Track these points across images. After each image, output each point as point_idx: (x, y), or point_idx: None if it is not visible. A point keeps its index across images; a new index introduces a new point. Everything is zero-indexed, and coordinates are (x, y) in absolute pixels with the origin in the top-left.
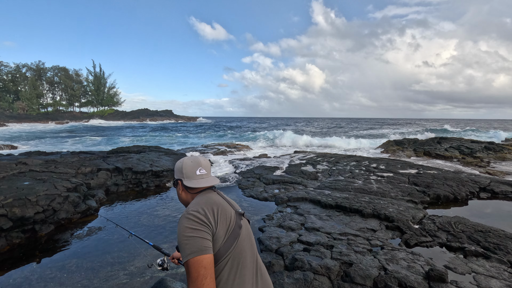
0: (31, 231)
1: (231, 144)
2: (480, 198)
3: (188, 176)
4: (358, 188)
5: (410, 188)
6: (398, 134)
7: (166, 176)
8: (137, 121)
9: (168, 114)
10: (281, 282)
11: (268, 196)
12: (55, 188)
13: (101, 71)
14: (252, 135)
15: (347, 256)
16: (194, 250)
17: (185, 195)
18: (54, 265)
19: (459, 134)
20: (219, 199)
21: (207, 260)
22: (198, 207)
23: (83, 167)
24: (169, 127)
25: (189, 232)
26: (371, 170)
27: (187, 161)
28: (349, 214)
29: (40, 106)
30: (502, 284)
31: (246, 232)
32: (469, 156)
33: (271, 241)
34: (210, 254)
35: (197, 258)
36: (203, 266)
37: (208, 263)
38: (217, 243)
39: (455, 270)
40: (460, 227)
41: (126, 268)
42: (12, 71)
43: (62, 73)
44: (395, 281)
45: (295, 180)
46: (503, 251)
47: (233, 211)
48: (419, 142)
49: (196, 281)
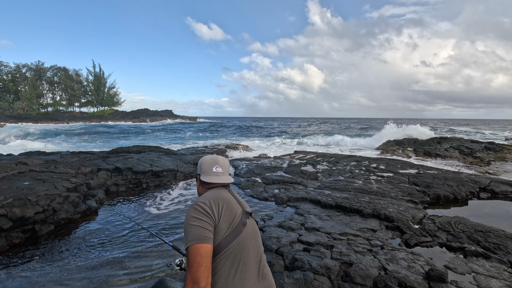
0: (31, 231)
1: (231, 144)
2: (480, 198)
3: (205, 172)
4: (358, 188)
5: (410, 188)
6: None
7: (166, 176)
8: (137, 121)
9: (168, 114)
10: (281, 282)
11: (268, 196)
12: (55, 188)
13: (101, 71)
14: (255, 136)
15: (347, 256)
16: (194, 238)
17: (201, 189)
18: (54, 265)
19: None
20: (228, 196)
21: (204, 249)
22: (205, 199)
23: (83, 167)
24: (170, 127)
25: (193, 221)
26: (371, 170)
27: (206, 159)
28: (349, 214)
29: (40, 106)
30: (502, 284)
31: (251, 231)
32: (469, 156)
33: (271, 241)
34: (208, 244)
35: (196, 246)
36: (199, 254)
37: (205, 252)
38: (218, 235)
39: (455, 270)
40: (460, 227)
41: (126, 267)
42: (12, 71)
43: (62, 73)
44: (395, 281)
45: (295, 180)
46: (503, 251)
47: (240, 209)
48: (419, 142)
49: (191, 267)
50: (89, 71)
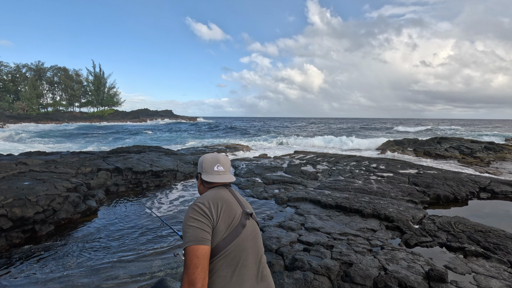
0: (31, 231)
1: (231, 144)
2: (480, 198)
3: (206, 171)
4: (358, 188)
5: (410, 188)
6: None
7: (166, 176)
8: (137, 121)
9: (168, 114)
10: (281, 282)
11: (268, 196)
12: (55, 188)
13: (101, 71)
14: (252, 135)
15: (347, 256)
16: (191, 239)
17: (202, 188)
18: (54, 265)
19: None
20: (228, 196)
21: (202, 251)
22: (204, 199)
23: (83, 167)
24: (171, 127)
25: (191, 222)
26: (371, 170)
27: (207, 157)
28: (349, 214)
29: (40, 106)
30: (502, 284)
31: (251, 232)
32: (469, 156)
33: (271, 241)
34: (206, 245)
35: (193, 247)
36: (196, 256)
37: (202, 253)
38: (217, 237)
39: (455, 270)
40: (460, 227)
41: (126, 267)
42: (12, 71)
43: (62, 73)
44: (395, 281)
45: (295, 180)
46: (503, 251)
47: (240, 210)
48: (419, 142)
49: (188, 269)
50: (89, 71)
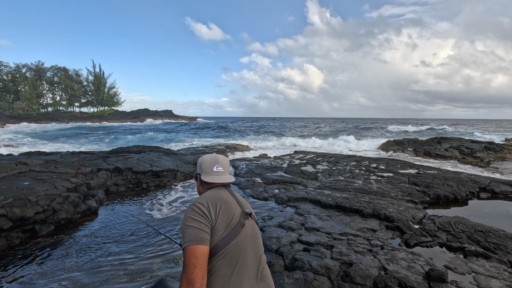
0: (31, 231)
1: (231, 144)
2: (480, 198)
3: (206, 172)
4: (358, 188)
5: (410, 188)
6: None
7: (166, 176)
8: (137, 121)
9: (168, 114)
10: (281, 282)
11: (268, 196)
12: (55, 188)
13: (101, 71)
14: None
15: (347, 256)
16: (190, 239)
17: (202, 188)
18: (54, 265)
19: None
20: (227, 196)
21: (200, 251)
22: (203, 200)
23: (83, 167)
24: (171, 127)
25: (190, 222)
26: (371, 170)
27: (206, 158)
28: (349, 214)
29: (40, 106)
30: (502, 284)
31: (250, 232)
32: (469, 156)
33: (271, 241)
34: (204, 245)
35: (192, 247)
36: (195, 256)
37: (200, 253)
38: (215, 237)
39: (455, 270)
40: (460, 227)
41: (126, 267)
42: (12, 71)
43: (62, 73)
44: (395, 281)
45: (295, 180)
46: (503, 251)
47: (239, 210)
48: (419, 142)
49: (186, 268)
50: (89, 71)
